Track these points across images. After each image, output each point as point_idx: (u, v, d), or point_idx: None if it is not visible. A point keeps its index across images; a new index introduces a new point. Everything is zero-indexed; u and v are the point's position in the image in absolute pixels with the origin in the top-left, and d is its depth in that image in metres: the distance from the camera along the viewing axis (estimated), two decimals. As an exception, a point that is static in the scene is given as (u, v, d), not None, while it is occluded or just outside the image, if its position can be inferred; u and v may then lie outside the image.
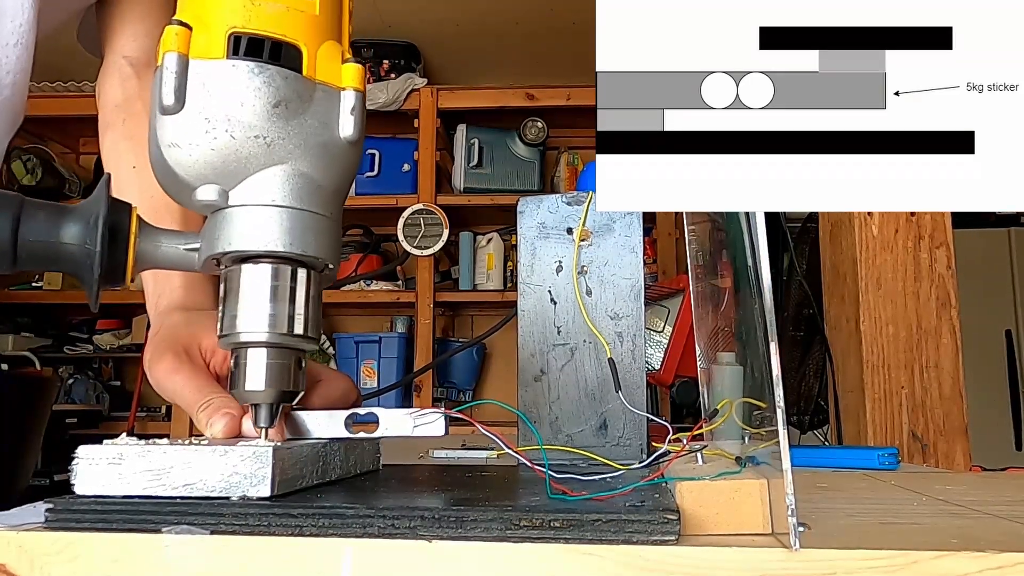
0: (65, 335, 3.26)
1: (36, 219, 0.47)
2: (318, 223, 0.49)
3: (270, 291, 0.48)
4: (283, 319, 0.48)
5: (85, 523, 0.42)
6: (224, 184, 0.47)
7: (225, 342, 0.49)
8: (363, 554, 0.39)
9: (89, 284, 0.47)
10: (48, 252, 0.47)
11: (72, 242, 0.47)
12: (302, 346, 0.50)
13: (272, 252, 0.48)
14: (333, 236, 0.50)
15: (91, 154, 3.35)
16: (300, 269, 0.49)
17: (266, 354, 0.49)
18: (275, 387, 0.49)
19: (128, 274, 0.49)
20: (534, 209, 0.72)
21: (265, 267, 0.48)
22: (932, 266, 1.41)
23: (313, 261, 0.49)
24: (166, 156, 0.47)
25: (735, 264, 0.62)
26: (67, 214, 0.47)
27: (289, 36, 0.47)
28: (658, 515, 0.38)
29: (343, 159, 0.50)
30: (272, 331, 0.48)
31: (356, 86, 0.49)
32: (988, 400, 3.16)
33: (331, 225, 0.50)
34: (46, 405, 1.93)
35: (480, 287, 3.07)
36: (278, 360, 0.49)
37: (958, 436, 1.37)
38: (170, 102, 0.46)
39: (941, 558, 0.36)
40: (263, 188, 0.47)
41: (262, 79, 0.46)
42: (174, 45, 0.46)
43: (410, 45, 3.11)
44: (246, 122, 0.46)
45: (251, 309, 0.48)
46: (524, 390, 0.70)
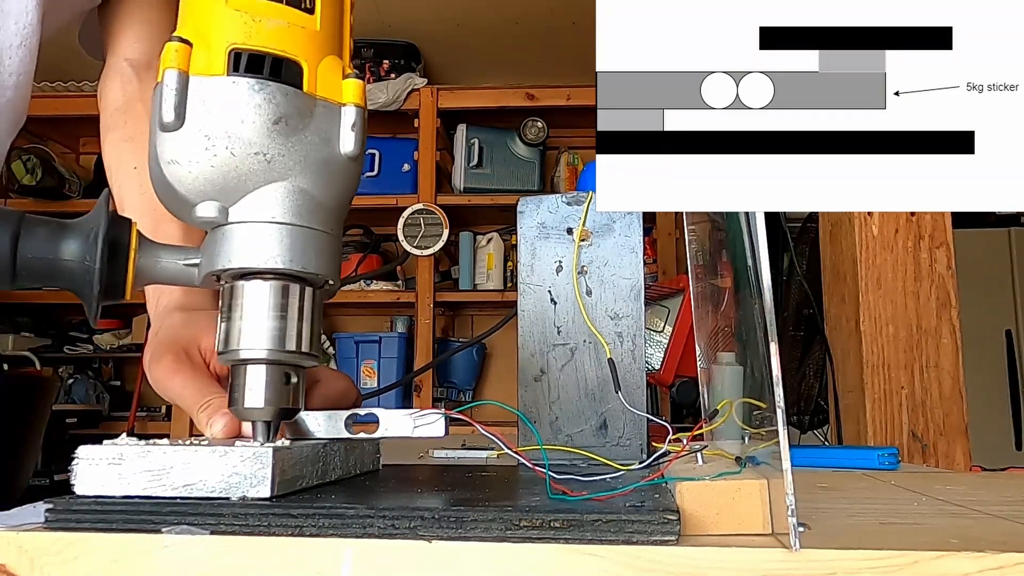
0: (65, 335, 3.26)
1: (35, 236, 0.46)
2: (318, 240, 0.48)
3: (270, 308, 0.48)
4: (283, 336, 0.48)
5: (85, 523, 0.42)
6: (224, 201, 0.47)
7: (225, 359, 0.49)
8: (363, 554, 0.39)
9: (88, 301, 0.47)
10: (47, 269, 0.47)
11: (71, 259, 0.47)
12: (301, 363, 0.50)
13: (272, 269, 0.47)
14: (333, 252, 0.50)
15: (91, 154, 3.35)
16: (300, 286, 0.49)
17: (266, 371, 0.48)
18: (274, 404, 0.49)
19: (128, 290, 0.49)
20: (534, 209, 0.72)
21: (265, 284, 0.48)
22: (932, 266, 1.41)
23: (313, 278, 0.49)
24: (166, 173, 0.47)
25: (735, 264, 0.62)
26: (66, 230, 0.47)
27: (290, 52, 0.47)
28: (658, 515, 0.38)
29: (343, 175, 0.49)
30: (272, 348, 0.48)
31: (357, 102, 0.49)
32: (988, 400, 3.16)
33: (331, 241, 0.50)
34: (46, 405, 1.93)
35: (480, 287, 3.07)
36: (277, 377, 0.49)
37: (958, 436, 1.37)
38: (170, 119, 0.45)
39: (941, 558, 0.36)
40: (263, 205, 0.47)
41: (262, 96, 0.46)
42: (174, 62, 0.46)
43: (410, 45, 3.11)
44: (246, 139, 0.46)
45: (251, 326, 0.48)
46: (524, 390, 0.70)
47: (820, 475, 0.76)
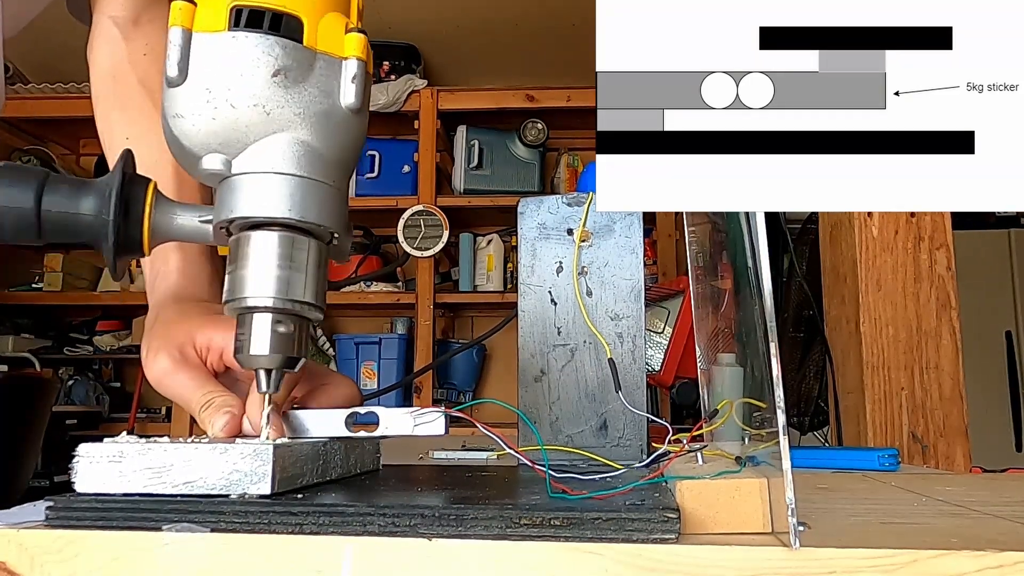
0: (65, 336, 3.26)
1: (58, 192, 0.49)
2: (319, 191, 0.49)
3: (275, 257, 0.49)
4: (289, 285, 0.49)
5: (85, 521, 0.42)
6: (227, 153, 0.48)
7: (231, 307, 0.50)
8: (363, 552, 0.39)
9: (106, 255, 0.49)
10: (68, 223, 0.49)
11: (89, 213, 0.49)
12: (307, 314, 0.51)
13: (275, 218, 0.48)
14: (336, 204, 0.51)
15: (91, 155, 3.35)
16: (306, 238, 0.50)
17: (271, 319, 0.49)
18: (280, 352, 0.49)
19: (145, 246, 0.51)
20: (534, 210, 0.72)
21: (270, 234, 0.49)
22: (932, 267, 1.41)
23: (318, 230, 0.50)
24: (172, 127, 0.49)
25: (735, 265, 0.62)
26: (86, 187, 0.50)
27: (290, 8, 0.48)
28: (658, 514, 0.38)
29: (345, 128, 0.50)
30: (278, 296, 0.49)
31: (358, 55, 0.50)
32: (988, 401, 3.16)
33: (334, 193, 0.50)
34: (46, 406, 1.93)
35: (480, 288, 3.06)
36: (283, 326, 0.49)
37: (958, 437, 1.37)
38: (174, 75, 0.47)
39: (941, 557, 0.36)
40: (265, 156, 0.48)
41: (261, 49, 0.47)
42: (178, 20, 0.48)
43: (410, 46, 3.12)
44: (246, 91, 0.47)
45: (257, 274, 0.49)
46: (524, 390, 0.70)
47: (820, 476, 0.76)
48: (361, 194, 3.06)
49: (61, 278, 3.12)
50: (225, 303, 0.50)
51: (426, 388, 2.92)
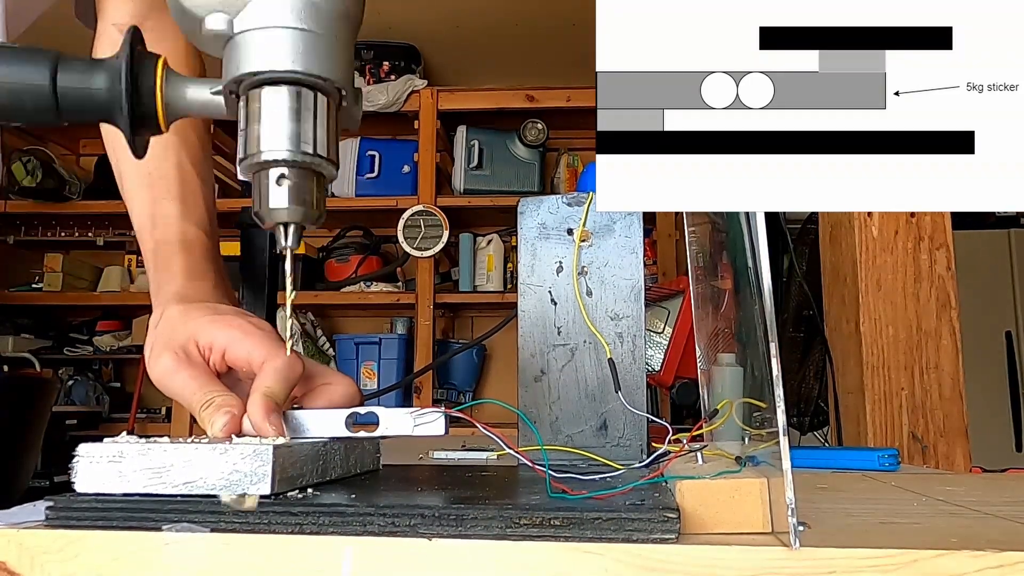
0: (65, 336, 3.26)
1: (72, 69, 0.49)
2: (320, 42, 0.49)
3: (286, 111, 0.49)
4: (301, 138, 0.49)
5: (85, 521, 0.42)
6: (228, 11, 0.49)
7: (246, 165, 0.50)
8: (363, 552, 0.39)
9: (124, 128, 0.50)
10: (84, 99, 0.49)
11: (101, 87, 0.49)
12: (323, 168, 0.50)
13: (279, 72, 0.48)
14: (340, 57, 0.50)
15: (91, 155, 3.35)
16: (314, 92, 0.50)
17: (288, 172, 0.49)
18: (299, 204, 0.49)
19: (161, 120, 0.51)
20: (534, 210, 0.72)
21: (280, 88, 0.49)
22: (932, 267, 1.41)
23: (323, 84, 0.50)
24: None
25: (735, 265, 0.62)
26: (98, 64, 0.50)
27: None
28: (658, 513, 0.38)
29: None
30: (292, 149, 0.49)
31: None
32: (988, 401, 3.16)
33: (337, 45, 0.50)
34: (46, 406, 1.93)
35: (480, 288, 3.06)
36: (300, 179, 0.49)
37: (958, 437, 1.37)
38: None
39: (941, 557, 0.36)
40: (265, 11, 0.48)
41: None
42: None
43: (410, 46, 3.12)
44: None
45: (270, 129, 0.49)
46: (524, 390, 0.70)
47: (820, 476, 0.76)
48: (361, 194, 3.06)
49: (61, 278, 3.12)
50: (240, 162, 0.50)
51: (426, 388, 2.92)
